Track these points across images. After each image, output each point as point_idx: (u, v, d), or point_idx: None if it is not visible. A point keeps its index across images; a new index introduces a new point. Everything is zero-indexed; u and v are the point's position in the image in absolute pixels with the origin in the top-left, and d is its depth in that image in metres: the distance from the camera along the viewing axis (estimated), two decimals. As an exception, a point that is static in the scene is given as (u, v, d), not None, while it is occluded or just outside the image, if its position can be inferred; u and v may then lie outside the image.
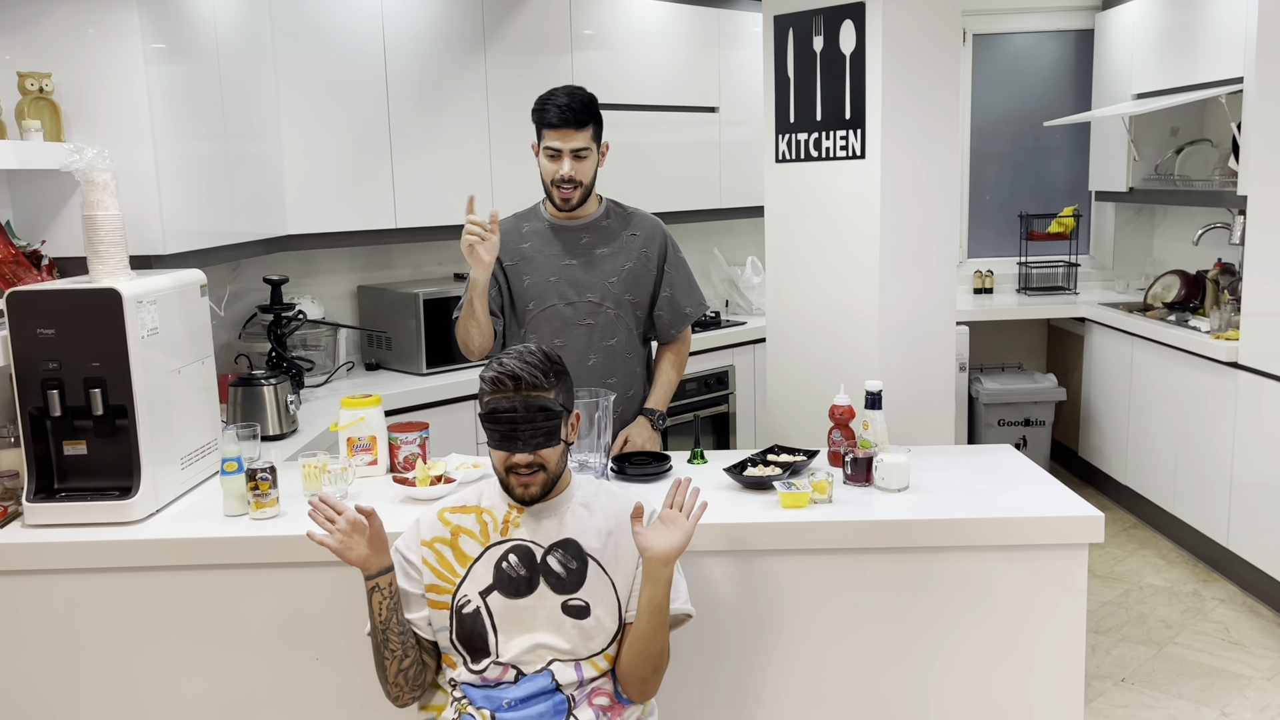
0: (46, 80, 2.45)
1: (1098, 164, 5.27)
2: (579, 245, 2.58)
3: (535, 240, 2.60)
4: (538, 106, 2.47)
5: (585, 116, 2.46)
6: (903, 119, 2.76)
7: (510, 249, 2.60)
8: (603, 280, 2.58)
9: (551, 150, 2.48)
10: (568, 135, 2.45)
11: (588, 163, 2.51)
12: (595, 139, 2.51)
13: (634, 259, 2.60)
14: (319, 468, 2.31)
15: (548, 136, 2.47)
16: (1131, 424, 4.47)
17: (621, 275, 2.58)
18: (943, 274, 2.89)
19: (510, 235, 2.62)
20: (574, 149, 2.46)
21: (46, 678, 2.18)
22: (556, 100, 2.45)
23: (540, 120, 2.47)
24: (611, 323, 2.59)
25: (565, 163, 2.47)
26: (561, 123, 2.44)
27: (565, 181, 2.49)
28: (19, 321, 2.12)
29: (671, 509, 1.81)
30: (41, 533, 2.16)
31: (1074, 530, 2.11)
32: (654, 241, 2.63)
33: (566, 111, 2.43)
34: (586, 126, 2.47)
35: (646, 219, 2.66)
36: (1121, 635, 3.49)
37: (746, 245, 5.33)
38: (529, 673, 1.80)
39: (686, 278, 2.69)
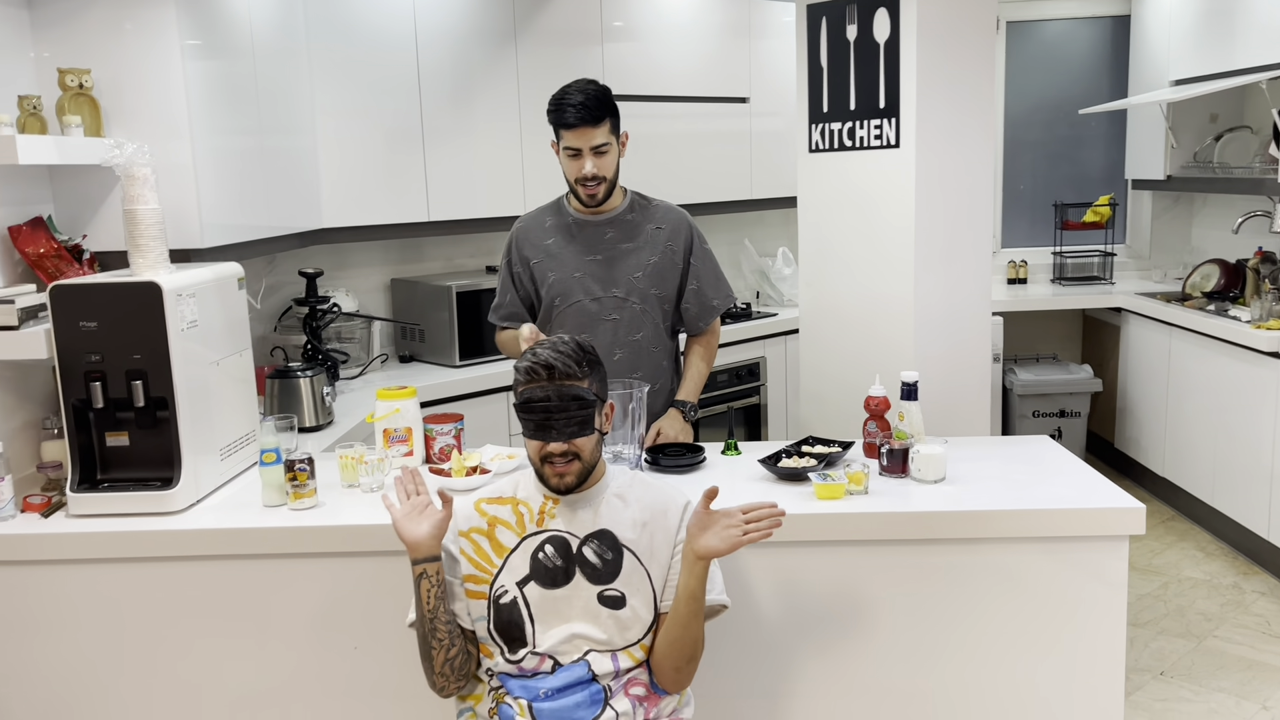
0: (86, 76, 2.48)
1: (1134, 152, 5.20)
2: (603, 240, 2.57)
3: (559, 236, 2.59)
4: (553, 107, 2.45)
5: (601, 112, 2.43)
6: (937, 108, 2.73)
7: (535, 245, 2.60)
8: (628, 275, 2.57)
9: (572, 150, 2.46)
10: (586, 134, 2.42)
11: (609, 157, 2.48)
12: (614, 131, 2.48)
13: (659, 253, 2.59)
14: (356, 459, 2.33)
15: (566, 137, 2.45)
16: (1170, 415, 4.41)
17: (646, 270, 2.57)
18: (978, 264, 2.86)
19: (534, 231, 2.62)
20: (594, 146, 2.44)
21: (90, 665, 2.21)
22: (570, 100, 2.41)
23: (557, 121, 2.45)
24: (637, 317, 2.58)
25: (587, 162, 2.46)
26: (579, 122, 2.41)
27: (589, 179, 2.48)
28: (62, 314, 2.15)
29: (742, 515, 1.79)
30: (85, 523, 2.20)
31: (1114, 522, 2.08)
32: (679, 234, 2.62)
33: (582, 110, 2.40)
34: (603, 121, 2.44)
35: (671, 211, 2.65)
36: (1160, 628, 3.45)
37: (777, 236, 5.31)
38: (565, 663, 1.80)
39: (713, 270, 2.67)
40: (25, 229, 2.42)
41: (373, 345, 3.83)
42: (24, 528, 2.19)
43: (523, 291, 2.66)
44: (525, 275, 2.62)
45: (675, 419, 2.61)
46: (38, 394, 2.44)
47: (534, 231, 2.62)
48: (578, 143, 2.44)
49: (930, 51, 2.70)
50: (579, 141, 2.44)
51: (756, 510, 1.80)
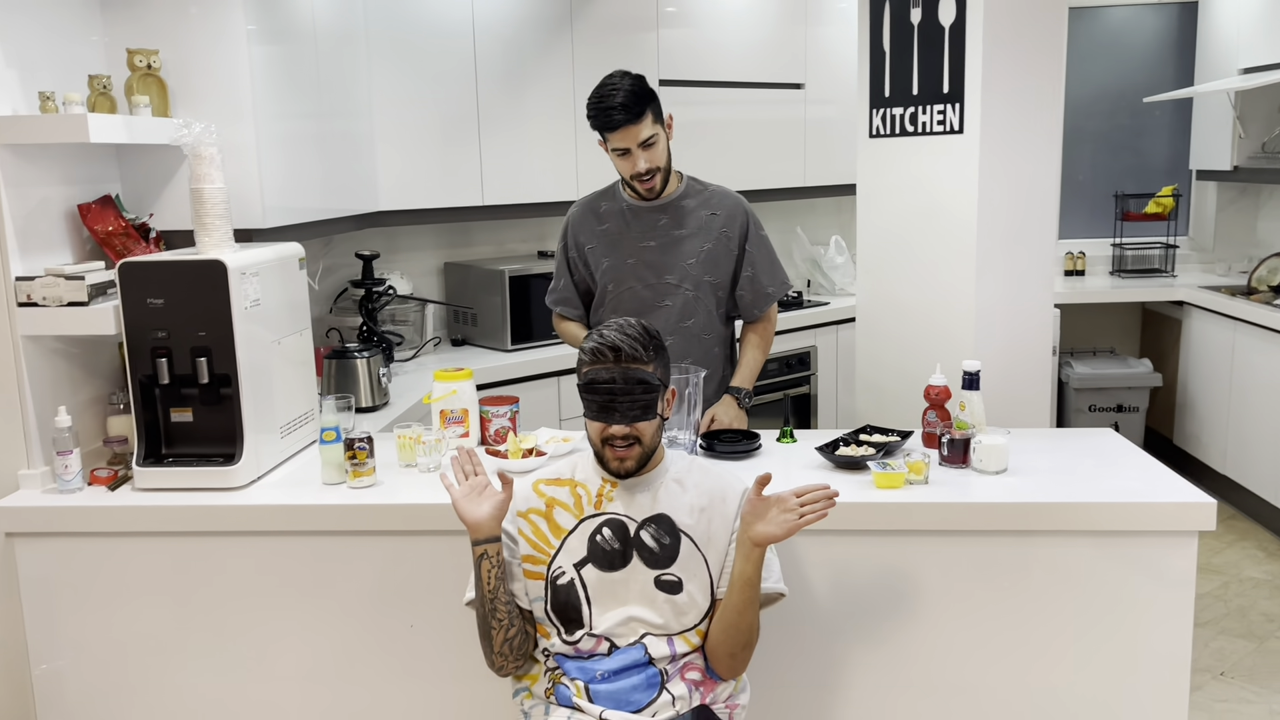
0: (154, 57, 2.52)
1: (1199, 142, 5.07)
2: (657, 227, 2.56)
3: (613, 222, 2.58)
4: (592, 112, 2.41)
5: (641, 106, 2.39)
6: (1003, 93, 2.68)
7: (589, 231, 2.60)
8: (681, 262, 2.55)
9: (620, 150, 2.43)
10: (631, 132, 2.39)
11: (658, 148, 2.45)
12: (657, 119, 2.44)
13: (713, 239, 2.56)
14: (414, 439, 2.34)
15: (612, 138, 2.42)
16: (1232, 411, 4.31)
17: (700, 256, 2.55)
18: (1042, 254, 2.80)
19: (589, 217, 2.61)
20: (641, 141, 2.41)
21: (150, 635, 2.25)
22: (609, 102, 2.37)
23: (600, 125, 2.41)
24: (690, 304, 2.57)
25: (639, 159, 2.43)
26: (623, 123, 2.38)
27: (644, 174, 2.46)
28: (130, 291, 2.19)
29: (796, 499, 1.78)
30: (149, 496, 2.24)
31: (1183, 517, 2.04)
32: (735, 221, 2.59)
33: (623, 111, 2.37)
34: (645, 115, 2.40)
35: (728, 197, 2.62)
36: (1220, 628, 3.38)
37: (830, 224, 5.26)
38: (622, 645, 1.80)
39: (769, 257, 2.64)
40: (95, 207, 2.46)
41: (426, 328, 3.85)
42: (91, 500, 2.24)
43: (577, 276, 2.66)
44: (580, 261, 2.62)
45: (730, 405, 2.59)
46: (105, 369, 2.48)
47: (588, 217, 2.61)
48: (625, 142, 2.41)
49: (997, 35, 2.65)
50: (626, 141, 2.41)
51: (810, 493, 1.78)
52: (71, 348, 2.37)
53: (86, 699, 2.29)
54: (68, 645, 2.27)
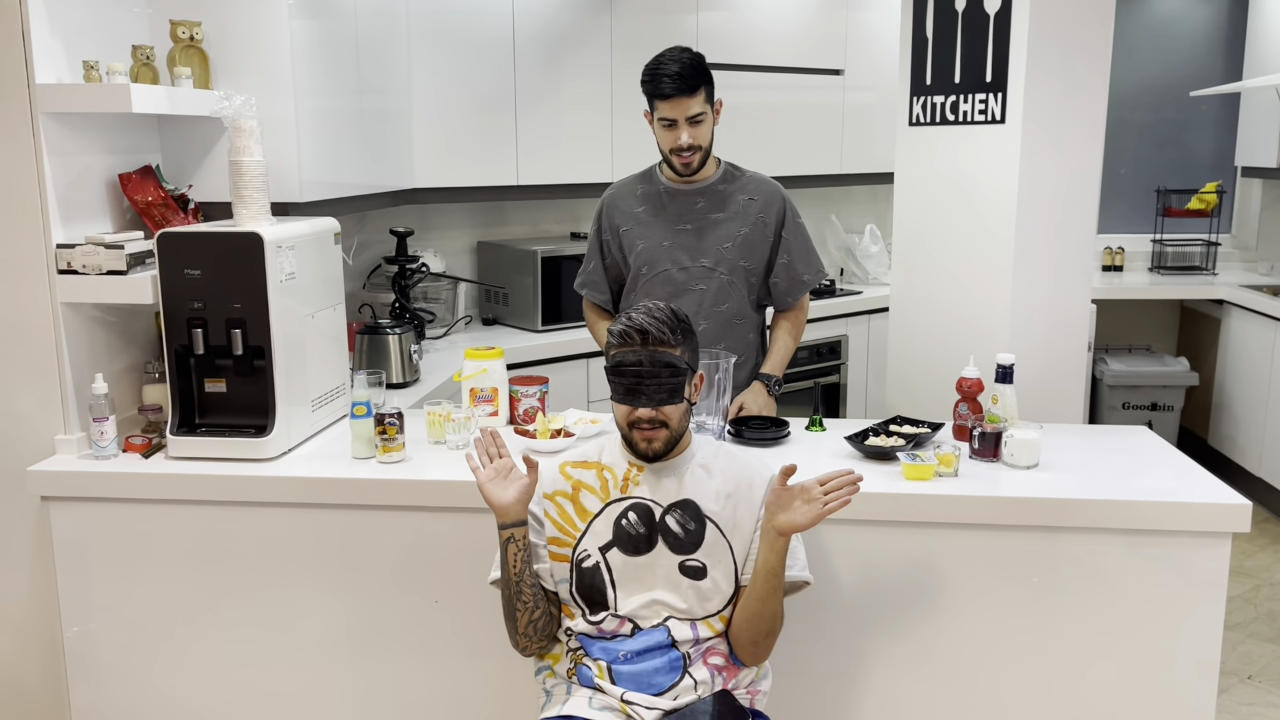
0: (197, 29, 2.53)
1: (1246, 137, 4.97)
2: (694, 210, 2.55)
3: (650, 204, 2.57)
4: (647, 77, 2.41)
5: (697, 81, 2.39)
6: (1047, 83, 2.64)
7: (625, 213, 2.59)
8: (717, 246, 2.54)
9: (667, 120, 2.42)
10: (682, 104, 2.39)
11: (704, 126, 2.45)
12: (709, 100, 2.44)
13: (750, 224, 2.55)
14: (444, 416, 2.36)
15: (661, 108, 2.41)
16: (1270, 413, 4.24)
17: (736, 241, 2.54)
18: (1081, 249, 2.76)
19: (625, 199, 2.60)
20: (690, 116, 2.41)
21: (179, 601, 2.29)
22: (666, 70, 2.37)
23: (652, 92, 2.41)
24: (724, 289, 2.56)
25: (683, 133, 2.42)
26: (675, 92, 2.37)
27: (685, 149, 2.45)
28: (168, 261, 2.21)
29: (820, 486, 1.77)
30: (182, 465, 2.27)
31: (1217, 518, 2.01)
32: (772, 207, 2.57)
33: (678, 80, 2.36)
34: (699, 91, 2.39)
35: (765, 183, 2.60)
36: (1249, 631, 3.33)
37: (865, 213, 5.22)
38: (645, 627, 1.81)
39: (805, 244, 2.63)
40: (135, 177, 2.48)
41: (458, 306, 3.87)
42: (125, 466, 2.27)
43: (609, 259, 2.65)
44: (614, 243, 2.61)
45: (759, 392, 2.59)
46: (141, 339, 2.51)
47: (624, 199, 2.61)
48: (673, 113, 2.41)
49: (1044, 23, 2.60)
50: (675, 112, 2.40)
51: (833, 479, 1.77)
52: (109, 316, 2.41)
53: (116, 662, 2.33)
54: (99, 609, 2.31)
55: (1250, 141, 4.92)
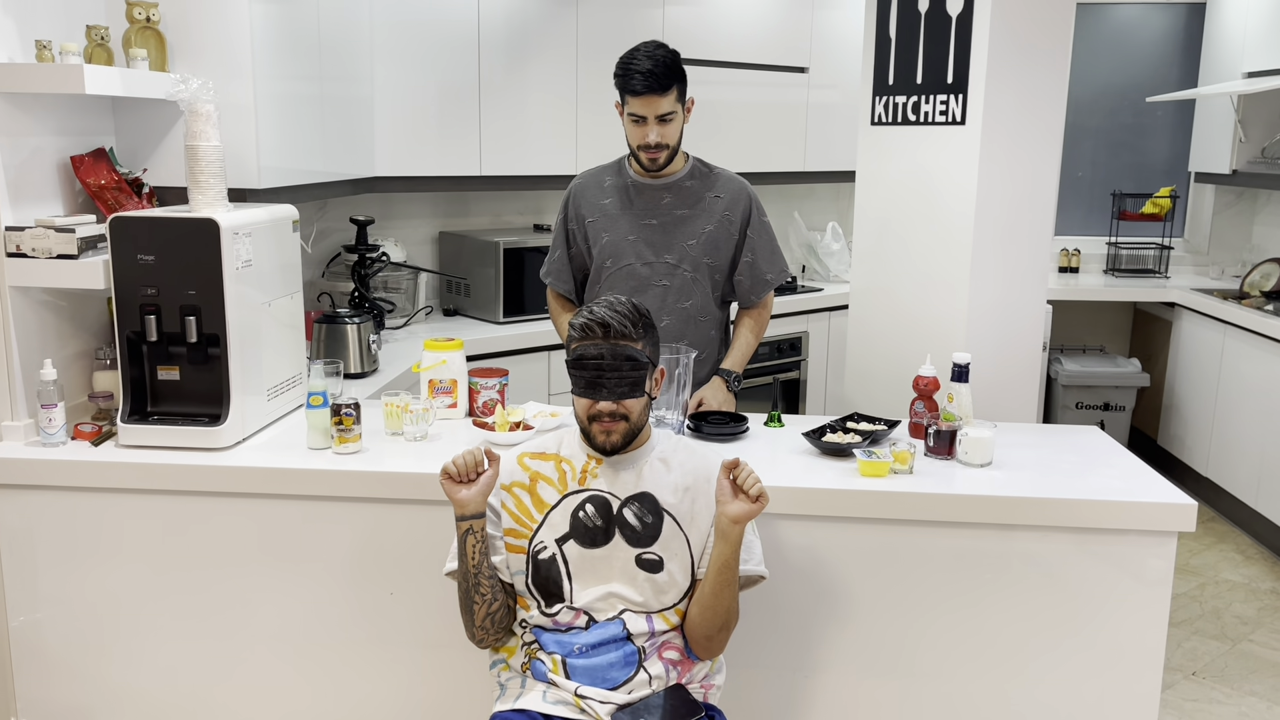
0: (154, 10, 2.49)
1: (1200, 144, 5.07)
2: (660, 205, 2.55)
3: (616, 197, 2.57)
4: (620, 71, 2.40)
5: (669, 80, 2.38)
6: (1007, 86, 2.67)
7: (592, 204, 2.58)
8: (681, 243, 2.54)
9: (636, 116, 2.42)
10: (652, 101, 2.38)
11: (674, 125, 2.44)
12: (680, 99, 2.44)
13: (715, 222, 2.55)
14: (401, 407, 2.34)
15: (632, 103, 2.40)
16: (1218, 415, 4.33)
17: (701, 238, 2.54)
18: (1037, 250, 2.80)
19: (592, 190, 2.60)
20: (660, 114, 2.40)
21: (128, 593, 2.26)
22: (639, 65, 2.36)
23: (623, 86, 2.40)
24: (688, 285, 2.56)
25: (651, 130, 2.42)
26: (646, 89, 2.36)
27: (652, 146, 2.44)
28: (121, 246, 2.17)
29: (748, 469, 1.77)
30: (133, 453, 2.23)
31: (1164, 517, 2.05)
32: (738, 205, 2.58)
33: (650, 78, 2.35)
34: (671, 89, 2.39)
35: (732, 181, 2.61)
36: (1195, 628, 3.41)
37: (827, 210, 5.25)
38: (601, 619, 1.81)
39: (769, 243, 2.63)
40: (88, 159, 2.43)
41: (418, 296, 3.84)
42: (74, 454, 2.23)
43: (575, 249, 2.64)
44: (580, 233, 2.61)
45: (719, 388, 2.60)
46: (92, 324, 2.47)
47: (592, 190, 2.60)
48: (643, 110, 2.40)
49: (1005, 27, 2.63)
50: (645, 109, 2.40)
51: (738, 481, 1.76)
52: (59, 300, 2.36)
53: (63, 652, 2.29)
54: (46, 599, 2.27)
55: (1204, 148, 5.02)
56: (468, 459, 1.79)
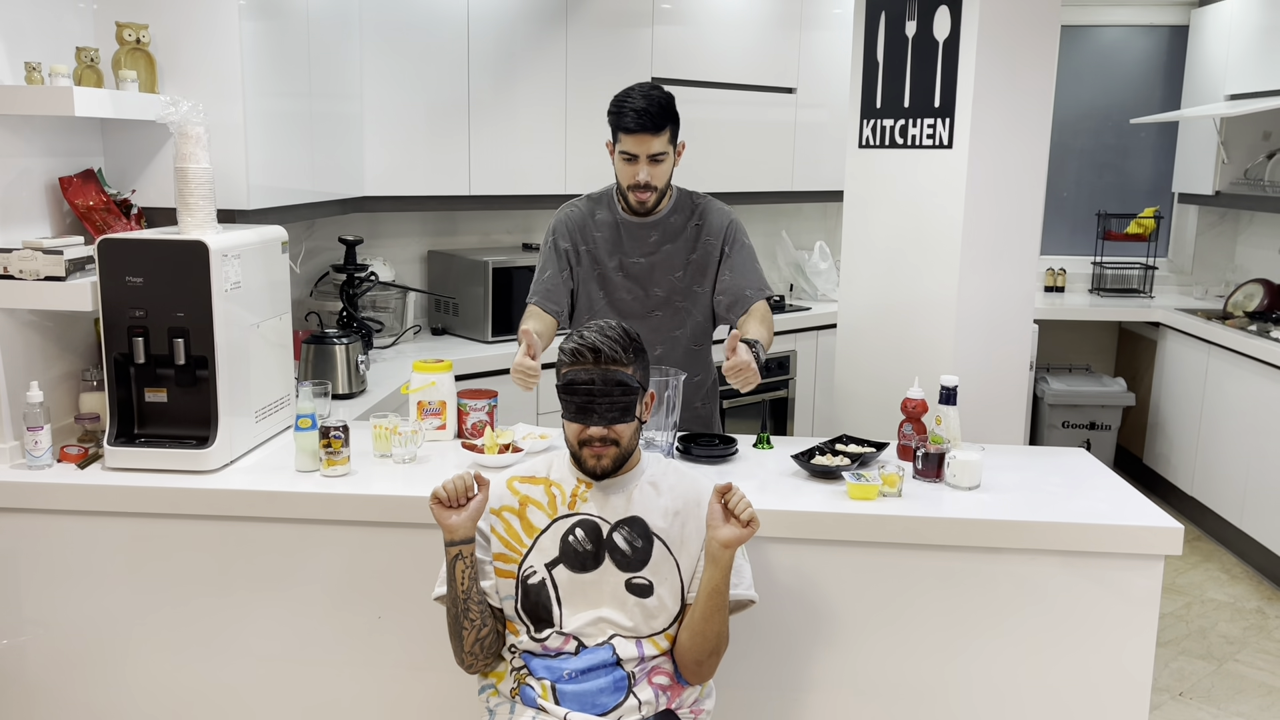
0: (144, 31, 2.49)
1: (1183, 165, 5.12)
2: (647, 243, 2.54)
3: (606, 231, 2.55)
4: (614, 109, 2.40)
5: (663, 120, 2.38)
6: (994, 110, 2.70)
7: (585, 234, 2.56)
8: (669, 275, 2.54)
9: (628, 154, 2.41)
10: (645, 140, 2.38)
11: (664, 166, 2.44)
12: (672, 141, 2.43)
13: (699, 248, 2.55)
14: (390, 429, 2.33)
15: (624, 141, 2.40)
16: (1203, 434, 4.36)
17: (687, 267, 2.54)
18: (1024, 270, 2.82)
19: (583, 221, 2.57)
20: (651, 154, 2.40)
21: (113, 617, 2.24)
22: (633, 103, 2.36)
23: (617, 124, 2.40)
24: (679, 314, 2.56)
25: (642, 169, 2.41)
26: (639, 128, 2.36)
27: (641, 186, 2.44)
28: (109, 268, 2.17)
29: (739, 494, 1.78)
30: (119, 476, 2.22)
31: (1151, 541, 2.06)
32: (720, 230, 2.56)
33: (644, 116, 2.35)
34: (664, 130, 2.39)
35: (715, 209, 2.58)
36: (1181, 648, 3.42)
37: (814, 230, 5.28)
38: (590, 645, 1.80)
39: (746, 261, 2.57)
40: (76, 180, 2.43)
41: (406, 316, 3.84)
42: (59, 477, 2.21)
43: (567, 272, 2.57)
44: (574, 257, 2.57)
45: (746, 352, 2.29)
46: (80, 345, 2.46)
47: (585, 221, 2.57)
48: (635, 148, 2.40)
49: (990, 52, 2.66)
50: (637, 147, 2.39)
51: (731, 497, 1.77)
52: (46, 321, 2.35)
53: (48, 676, 2.27)
54: (29, 621, 2.25)
55: (1187, 169, 5.07)
56: (457, 484, 1.79)
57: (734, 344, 2.21)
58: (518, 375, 2.22)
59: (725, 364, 2.20)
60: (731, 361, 2.18)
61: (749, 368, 2.19)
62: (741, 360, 2.18)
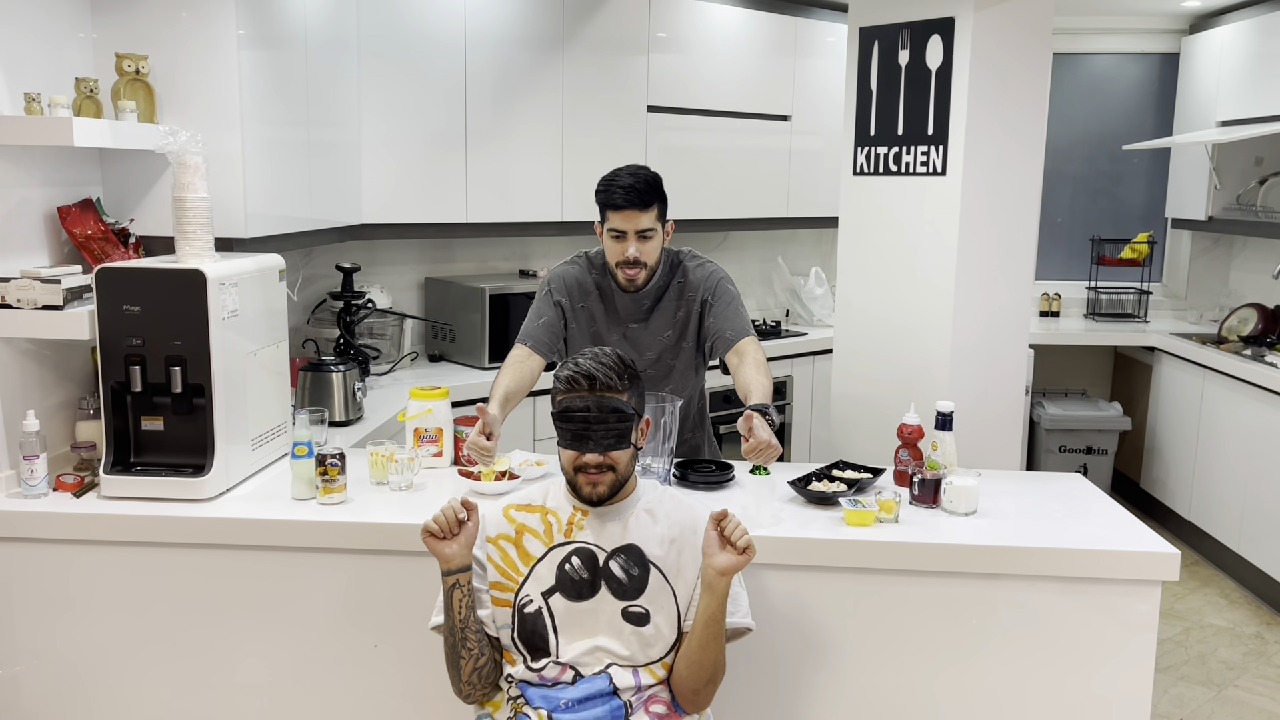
0: (143, 62, 2.51)
1: (1176, 191, 5.15)
2: (640, 310, 2.55)
3: (598, 300, 2.56)
4: (602, 186, 2.42)
5: (650, 197, 2.40)
6: (986, 137, 2.72)
7: (582, 293, 2.56)
8: (658, 337, 2.56)
9: (616, 232, 2.42)
10: (633, 217, 2.39)
11: (653, 243, 2.44)
12: (660, 218, 2.45)
13: (684, 305, 2.56)
14: (386, 457, 2.33)
15: (612, 218, 2.42)
16: (1199, 458, 4.36)
17: (675, 325, 2.56)
18: (1018, 296, 2.84)
19: (579, 284, 2.56)
20: (639, 230, 2.41)
21: (110, 646, 2.23)
22: (620, 181, 2.38)
23: (605, 202, 2.41)
24: (667, 370, 2.58)
25: (631, 245, 2.42)
26: (626, 204, 2.38)
27: (630, 264, 2.44)
28: (107, 297, 2.17)
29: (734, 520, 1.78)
30: (116, 505, 2.21)
31: (1147, 566, 2.06)
32: (703, 283, 2.55)
33: (631, 193, 2.37)
34: (651, 207, 2.40)
35: (701, 267, 2.58)
36: (1180, 674, 3.41)
37: (810, 255, 5.30)
38: (587, 674, 1.80)
39: (727, 306, 2.54)
40: (75, 210, 2.44)
41: (404, 342, 3.84)
42: (56, 506, 2.21)
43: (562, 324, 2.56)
44: (570, 313, 2.56)
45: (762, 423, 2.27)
46: (76, 374, 2.46)
47: (579, 284, 2.56)
48: (623, 225, 2.41)
49: (983, 80, 2.69)
50: (625, 224, 2.40)
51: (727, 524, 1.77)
52: (43, 350, 2.35)
53: (44, 706, 2.25)
54: (26, 651, 2.24)
55: (1180, 195, 5.10)
56: (448, 514, 1.79)
57: (749, 422, 2.15)
58: (474, 453, 2.20)
59: (744, 446, 2.14)
60: (750, 444, 2.12)
61: (769, 446, 2.12)
62: (760, 441, 2.11)
